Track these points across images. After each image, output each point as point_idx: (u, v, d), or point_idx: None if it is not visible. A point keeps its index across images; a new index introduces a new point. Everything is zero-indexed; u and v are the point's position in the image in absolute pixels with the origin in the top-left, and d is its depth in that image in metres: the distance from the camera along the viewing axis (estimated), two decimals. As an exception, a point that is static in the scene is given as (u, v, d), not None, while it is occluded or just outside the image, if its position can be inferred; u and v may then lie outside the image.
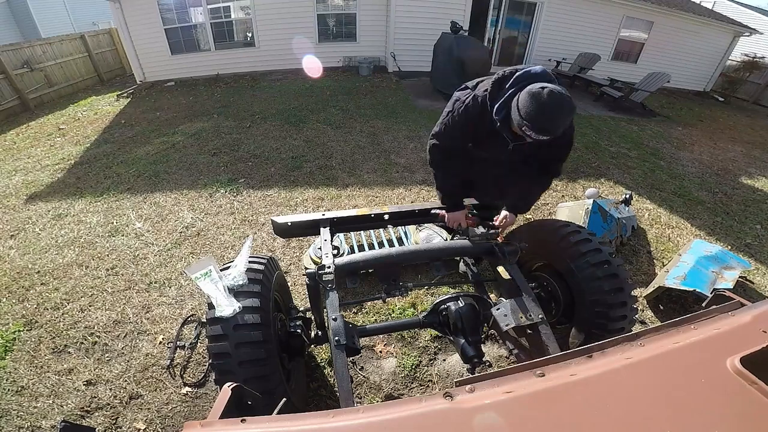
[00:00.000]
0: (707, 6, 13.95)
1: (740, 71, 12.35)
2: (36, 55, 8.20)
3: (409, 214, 2.19)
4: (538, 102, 1.39)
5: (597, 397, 0.71)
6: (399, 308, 2.58)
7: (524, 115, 1.43)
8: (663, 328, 0.88)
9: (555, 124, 1.45)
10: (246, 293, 1.39)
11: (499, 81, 1.59)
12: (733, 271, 2.80)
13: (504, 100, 1.54)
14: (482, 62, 7.08)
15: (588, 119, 7.31)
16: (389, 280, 1.81)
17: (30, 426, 1.89)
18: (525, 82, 1.49)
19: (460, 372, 2.17)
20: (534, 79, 1.49)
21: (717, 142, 7.13)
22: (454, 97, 1.81)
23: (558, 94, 1.40)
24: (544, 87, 1.40)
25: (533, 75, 1.50)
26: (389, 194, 4.07)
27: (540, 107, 1.40)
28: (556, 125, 1.45)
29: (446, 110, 1.83)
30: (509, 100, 1.52)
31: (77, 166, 4.82)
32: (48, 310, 2.57)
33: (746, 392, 0.69)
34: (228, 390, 0.81)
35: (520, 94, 1.46)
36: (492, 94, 1.60)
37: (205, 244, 3.23)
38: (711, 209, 4.33)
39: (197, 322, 2.46)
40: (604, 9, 10.08)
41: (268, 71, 9.26)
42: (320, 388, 2.07)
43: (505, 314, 1.53)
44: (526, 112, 1.42)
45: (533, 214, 3.82)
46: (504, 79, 1.57)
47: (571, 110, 1.45)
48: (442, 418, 0.67)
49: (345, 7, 9.24)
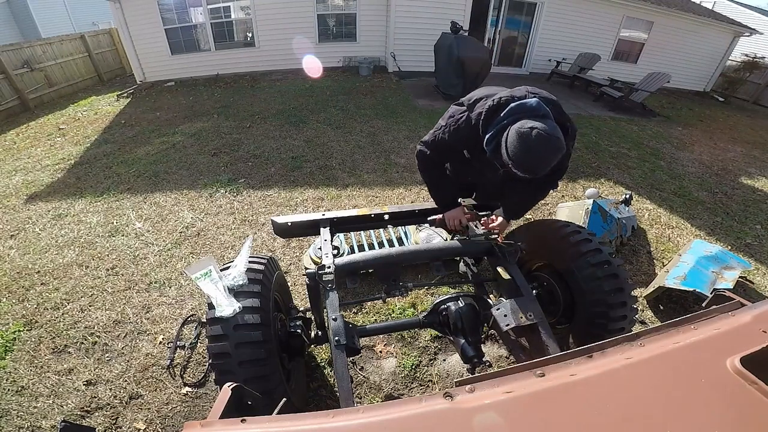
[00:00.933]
0: (707, 6, 13.95)
1: (740, 71, 12.35)
2: (36, 55, 8.20)
3: (409, 214, 2.19)
4: (526, 144, 1.33)
5: (597, 397, 0.71)
6: (399, 308, 2.58)
7: (511, 155, 1.37)
8: (663, 328, 0.88)
9: (540, 167, 1.38)
10: (246, 293, 1.39)
11: (493, 109, 1.50)
12: (733, 271, 2.80)
13: (494, 133, 1.46)
14: (482, 62, 7.08)
15: (588, 119, 7.31)
16: (389, 280, 1.81)
17: (30, 426, 1.89)
18: (518, 115, 1.41)
19: (460, 372, 2.17)
20: (528, 113, 1.40)
21: (717, 142, 7.13)
22: (450, 111, 1.76)
23: (546, 136, 1.32)
24: (533, 128, 1.32)
25: (527, 109, 1.41)
26: (389, 194, 4.07)
27: (527, 149, 1.33)
28: (541, 168, 1.38)
29: (441, 122, 1.77)
30: (500, 133, 1.44)
31: (77, 166, 4.82)
32: (48, 310, 2.57)
33: (746, 392, 0.68)
34: (228, 390, 0.81)
35: (509, 130, 1.38)
36: (485, 121, 1.53)
37: (205, 244, 3.23)
38: (711, 209, 4.33)
39: (197, 322, 2.46)
40: (604, 9, 10.09)
41: (268, 71, 9.26)
42: (320, 388, 2.07)
43: (505, 314, 1.53)
44: (513, 152, 1.36)
45: (533, 214, 3.82)
46: (498, 108, 1.48)
47: (558, 151, 1.36)
48: (442, 418, 0.67)
49: (345, 7, 9.24)
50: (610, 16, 10.29)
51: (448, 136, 1.72)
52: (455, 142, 1.71)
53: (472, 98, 1.67)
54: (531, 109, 1.41)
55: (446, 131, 1.73)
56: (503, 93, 1.54)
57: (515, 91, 1.52)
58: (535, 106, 1.41)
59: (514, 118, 1.41)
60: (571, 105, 8.23)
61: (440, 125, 1.78)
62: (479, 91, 1.72)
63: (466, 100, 1.70)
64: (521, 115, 1.40)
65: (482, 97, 1.63)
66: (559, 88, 9.62)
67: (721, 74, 12.48)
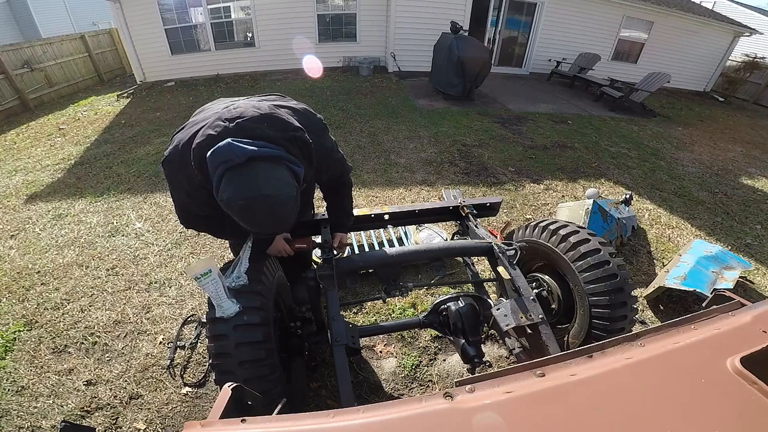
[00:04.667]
0: (707, 6, 13.95)
1: (740, 71, 12.34)
2: (36, 55, 8.20)
3: (409, 214, 2.19)
4: (245, 217, 1.11)
5: (597, 398, 0.71)
6: (399, 308, 2.58)
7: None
8: (663, 328, 0.88)
9: (278, 226, 1.20)
10: (246, 293, 1.39)
11: (197, 161, 1.16)
12: (733, 271, 2.80)
13: (218, 195, 1.14)
14: (482, 62, 7.08)
15: (588, 119, 7.31)
16: (389, 280, 1.81)
17: (30, 426, 1.89)
18: (218, 169, 1.10)
19: (460, 372, 2.17)
20: (225, 165, 1.08)
21: (717, 142, 7.13)
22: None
23: (251, 209, 1.08)
24: (231, 199, 1.08)
25: (224, 161, 1.08)
26: (389, 194, 4.07)
27: (250, 221, 1.13)
28: (280, 226, 1.20)
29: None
30: (220, 197, 1.13)
31: (77, 166, 4.82)
32: (48, 310, 2.57)
33: (746, 392, 0.68)
34: (228, 390, 0.81)
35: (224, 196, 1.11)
36: (201, 174, 1.20)
37: (205, 244, 3.23)
38: (711, 209, 4.33)
39: (197, 322, 2.46)
40: (604, 9, 10.09)
41: (269, 71, 9.26)
42: (320, 388, 2.07)
43: (505, 314, 1.53)
44: (243, 222, 1.15)
45: (533, 214, 3.82)
46: (201, 160, 1.14)
47: (280, 206, 1.11)
48: (442, 418, 0.67)
49: (345, 7, 9.24)
50: (610, 16, 10.29)
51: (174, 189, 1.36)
52: (196, 191, 1.28)
53: (173, 138, 1.28)
54: (226, 160, 1.05)
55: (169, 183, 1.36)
56: (202, 129, 1.16)
57: (211, 125, 1.14)
58: (227, 153, 1.05)
59: (218, 174, 1.07)
60: (572, 105, 8.23)
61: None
62: (187, 122, 1.31)
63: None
64: (221, 169, 1.06)
65: (182, 138, 1.23)
66: (559, 88, 9.62)
67: (721, 74, 12.48)
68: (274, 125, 1.17)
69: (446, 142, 5.48)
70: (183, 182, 1.26)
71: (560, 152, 5.53)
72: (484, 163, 4.89)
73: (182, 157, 1.20)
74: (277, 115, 1.21)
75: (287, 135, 1.18)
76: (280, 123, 1.19)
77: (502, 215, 3.66)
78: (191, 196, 1.30)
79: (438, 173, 4.56)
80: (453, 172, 4.63)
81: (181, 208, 1.42)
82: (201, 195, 1.25)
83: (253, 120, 1.14)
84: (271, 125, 1.16)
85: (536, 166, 4.98)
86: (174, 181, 1.31)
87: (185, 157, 1.18)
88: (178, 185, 1.30)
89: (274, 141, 1.13)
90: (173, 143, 1.25)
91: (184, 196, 1.32)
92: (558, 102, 8.34)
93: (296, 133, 1.20)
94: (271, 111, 1.20)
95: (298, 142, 1.21)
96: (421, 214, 2.21)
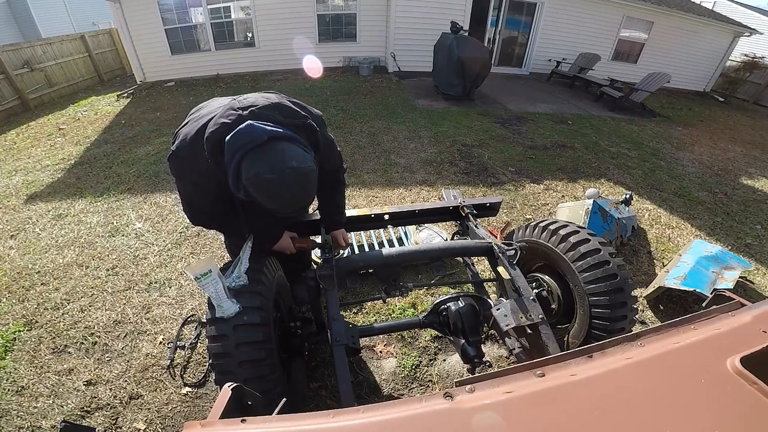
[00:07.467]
0: (707, 6, 13.95)
1: (740, 71, 12.35)
2: (36, 55, 8.20)
3: (409, 214, 2.19)
4: (267, 193, 1.15)
5: (597, 398, 0.71)
6: (399, 308, 2.58)
7: (265, 204, 1.19)
8: (663, 328, 0.88)
9: (296, 204, 1.21)
10: (246, 293, 1.39)
11: (211, 147, 1.21)
12: (733, 271, 2.80)
13: (232, 179, 1.19)
14: (482, 62, 7.08)
15: (588, 119, 7.31)
16: (389, 280, 1.81)
17: (30, 426, 1.89)
18: (239, 152, 1.15)
19: (460, 372, 2.17)
20: (247, 146, 1.13)
21: (717, 142, 7.13)
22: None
23: (279, 180, 1.11)
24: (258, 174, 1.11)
25: (245, 142, 1.14)
26: (389, 194, 4.07)
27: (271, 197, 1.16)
28: (298, 203, 1.22)
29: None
30: (237, 179, 1.19)
31: (77, 166, 4.82)
32: (48, 310, 2.57)
33: (746, 392, 0.68)
34: (228, 390, 0.81)
35: (244, 178, 1.16)
36: (214, 162, 1.25)
37: (205, 244, 3.23)
38: (711, 209, 4.33)
39: (197, 322, 2.46)
40: (604, 9, 10.09)
41: (269, 71, 9.26)
42: (320, 388, 2.07)
43: (505, 314, 1.53)
44: (265, 202, 1.19)
45: (533, 214, 3.82)
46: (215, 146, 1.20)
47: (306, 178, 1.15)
48: (442, 418, 0.67)
49: (345, 7, 9.24)
50: (610, 16, 10.29)
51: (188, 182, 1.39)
52: (206, 183, 1.33)
53: (178, 134, 1.33)
54: (248, 141, 1.10)
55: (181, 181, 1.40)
56: (212, 120, 1.21)
57: (224, 115, 1.19)
58: (249, 134, 1.10)
59: (237, 158, 1.11)
60: (572, 105, 8.24)
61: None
62: (188, 119, 1.37)
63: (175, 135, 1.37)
64: (241, 151, 1.11)
65: (188, 131, 1.28)
66: (559, 88, 9.63)
67: (721, 74, 12.48)
68: (284, 113, 1.23)
69: (446, 142, 5.48)
70: (192, 173, 1.30)
71: (560, 152, 5.53)
72: (484, 163, 4.89)
73: (191, 149, 1.25)
74: (286, 104, 1.28)
75: (297, 122, 1.24)
76: (289, 111, 1.26)
77: (502, 215, 3.66)
78: (199, 186, 1.34)
79: (438, 173, 4.56)
80: (453, 172, 4.63)
81: (188, 202, 1.46)
82: (209, 185, 1.30)
83: (266, 108, 1.21)
84: (282, 113, 1.22)
85: (536, 166, 4.98)
86: (182, 174, 1.34)
87: (194, 149, 1.23)
88: (187, 176, 1.34)
89: (286, 127, 1.18)
90: (179, 138, 1.30)
91: (191, 186, 1.37)
92: (558, 102, 8.34)
93: (305, 121, 1.27)
94: (280, 100, 1.28)
95: (307, 129, 1.27)
96: (421, 214, 2.21)
